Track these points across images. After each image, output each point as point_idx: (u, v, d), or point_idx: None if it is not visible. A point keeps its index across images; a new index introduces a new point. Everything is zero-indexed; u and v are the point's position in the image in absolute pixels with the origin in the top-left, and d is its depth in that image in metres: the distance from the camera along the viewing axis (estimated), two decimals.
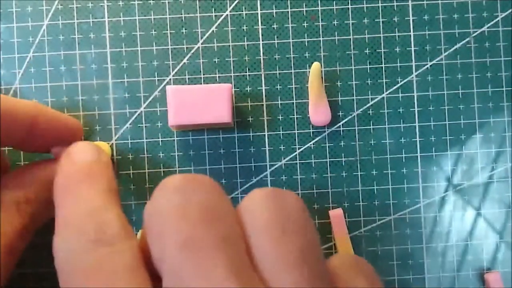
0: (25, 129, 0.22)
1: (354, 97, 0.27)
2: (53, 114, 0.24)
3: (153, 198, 0.18)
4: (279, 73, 0.27)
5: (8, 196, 0.21)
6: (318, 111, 0.26)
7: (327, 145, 0.27)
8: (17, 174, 0.22)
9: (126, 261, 0.17)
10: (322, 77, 0.26)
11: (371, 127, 0.27)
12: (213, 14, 0.27)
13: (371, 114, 0.27)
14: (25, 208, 0.21)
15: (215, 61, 0.26)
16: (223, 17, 0.27)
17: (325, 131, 0.27)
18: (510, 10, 0.27)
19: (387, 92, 0.27)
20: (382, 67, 0.27)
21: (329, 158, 0.27)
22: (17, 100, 0.22)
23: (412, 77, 0.27)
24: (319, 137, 0.27)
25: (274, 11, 0.27)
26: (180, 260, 0.16)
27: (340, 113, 0.27)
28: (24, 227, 0.21)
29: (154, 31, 0.26)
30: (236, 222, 0.17)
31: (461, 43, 0.27)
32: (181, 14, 0.26)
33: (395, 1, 0.27)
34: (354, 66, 0.27)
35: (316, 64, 0.26)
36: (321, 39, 0.27)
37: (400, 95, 0.27)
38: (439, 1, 0.27)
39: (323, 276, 0.17)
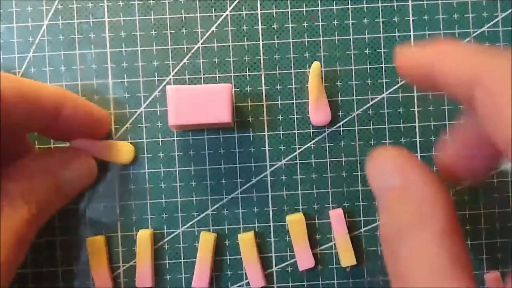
0: (50, 115, 0.22)
1: (354, 97, 0.27)
2: (82, 102, 0.24)
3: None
4: (279, 73, 0.27)
5: (12, 186, 0.21)
6: (318, 111, 0.26)
7: (327, 145, 0.27)
8: (21, 165, 0.23)
9: None
10: (322, 77, 0.26)
11: (371, 127, 0.27)
12: (213, 14, 0.26)
13: (371, 114, 0.27)
14: (30, 197, 0.21)
15: (215, 61, 0.26)
16: (223, 17, 0.27)
17: (325, 131, 0.27)
18: (510, 10, 0.27)
19: (387, 92, 0.27)
20: (382, 67, 0.27)
21: (329, 158, 0.27)
22: (43, 85, 0.23)
23: None
24: (319, 137, 0.27)
25: (274, 11, 0.27)
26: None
27: (340, 113, 0.27)
28: (31, 216, 0.21)
29: (154, 31, 0.26)
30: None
31: None
32: (181, 14, 0.26)
33: (395, 1, 0.27)
34: (354, 66, 0.27)
35: (316, 64, 0.26)
36: (321, 39, 0.27)
37: (400, 95, 0.27)
38: (439, 1, 0.27)
39: None
